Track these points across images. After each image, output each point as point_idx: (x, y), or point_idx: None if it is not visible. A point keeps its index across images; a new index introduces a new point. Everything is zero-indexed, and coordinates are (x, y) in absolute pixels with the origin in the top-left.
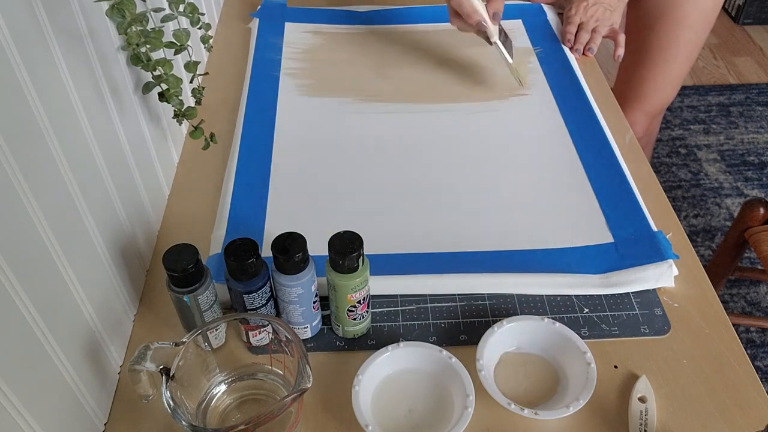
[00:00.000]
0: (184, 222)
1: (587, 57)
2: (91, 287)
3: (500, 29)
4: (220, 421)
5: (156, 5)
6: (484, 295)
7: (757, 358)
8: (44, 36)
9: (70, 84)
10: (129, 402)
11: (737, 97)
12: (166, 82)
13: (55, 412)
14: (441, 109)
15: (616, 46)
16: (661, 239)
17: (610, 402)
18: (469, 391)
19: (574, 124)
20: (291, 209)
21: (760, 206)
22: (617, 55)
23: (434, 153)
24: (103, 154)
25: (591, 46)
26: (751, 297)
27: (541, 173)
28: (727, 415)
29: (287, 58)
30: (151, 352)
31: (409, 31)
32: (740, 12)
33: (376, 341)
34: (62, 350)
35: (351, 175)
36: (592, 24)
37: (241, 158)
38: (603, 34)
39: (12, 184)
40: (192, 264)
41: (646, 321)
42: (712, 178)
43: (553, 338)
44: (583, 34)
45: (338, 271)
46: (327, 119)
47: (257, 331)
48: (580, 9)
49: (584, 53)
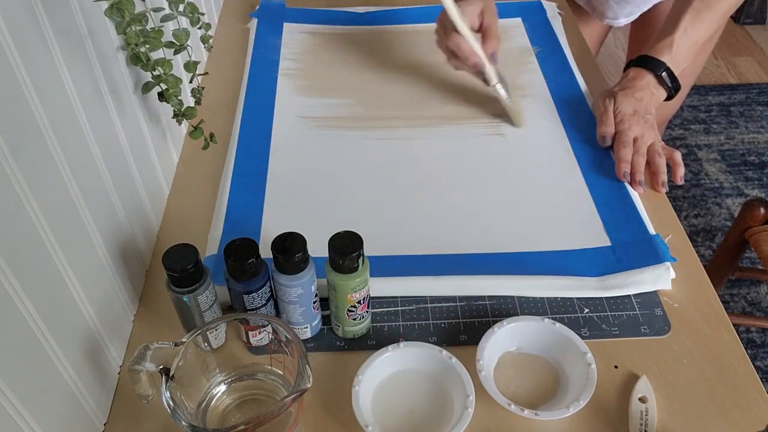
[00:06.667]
0: (183, 222)
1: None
2: (90, 287)
3: (497, 70)
4: (220, 422)
5: (155, 5)
6: (484, 295)
7: (757, 358)
8: (44, 36)
9: (69, 84)
10: (129, 402)
11: (737, 97)
12: (165, 82)
13: (54, 412)
14: (441, 110)
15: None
16: (659, 242)
17: (610, 402)
18: (469, 392)
19: (573, 127)
20: (288, 210)
21: (761, 206)
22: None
23: (434, 155)
24: (102, 154)
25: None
26: (751, 297)
27: (540, 176)
28: (727, 415)
29: (285, 59)
30: (150, 352)
31: (409, 32)
32: (740, 12)
33: (376, 341)
34: (62, 350)
35: (349, 178)
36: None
37: (238, 159)
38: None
39: (12, 184)
40: (192, 264)
41: (646, 321)
42: (712, 177)
43: (553, 338)
44: (639, 158)
45: (338, 271)
46: (325, 120)
47: (257, 331)
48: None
49: (654, 187)
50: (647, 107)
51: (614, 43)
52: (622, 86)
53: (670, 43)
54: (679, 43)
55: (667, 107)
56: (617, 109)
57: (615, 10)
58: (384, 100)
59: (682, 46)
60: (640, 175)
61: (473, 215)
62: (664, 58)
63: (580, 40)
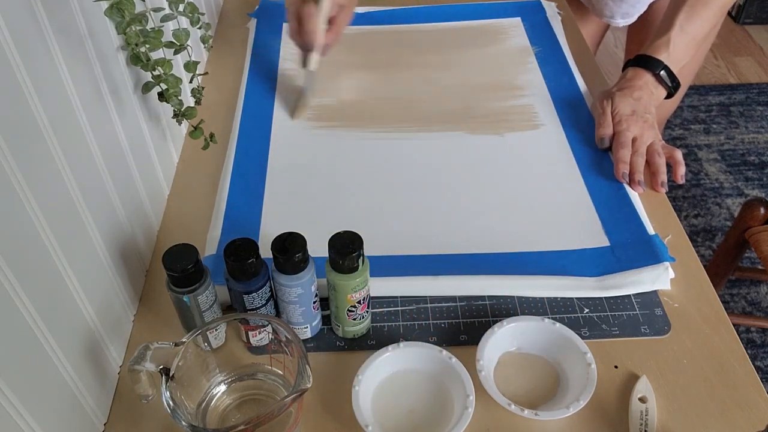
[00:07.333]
0: (183, 222)
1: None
2: (90, 287)
3: (317, 61)
4: (220, 422)
5: (155, 5)
6: (484, 295)
7: (757, 358)
8: (44, 36)
9: (69, 84)
10: (129, 402)
11: (737, 97)
12: (165, 81)
13: (54, 412)
14: (441, 110)
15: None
16: (657, 242)
17: (610, 402)
18: (469, 392)
19: (572, 127)
20: (287, 210)
21: (761, 206)
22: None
23: (434, 155)
24: (102, 154)
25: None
26: (751, 297)
27: (539, 176)
28: (727, 415)
29: (285, 59)
30: (150, 352)
31: (408, 31)
32: (740, 12)
33: (376, 341)
34: (61, 350)
35: (349, 178)
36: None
37: (238, 159)
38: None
39: (12, 184)
40: (192, 264)
41: (646, 321)
42: (712, 177)
43: (553, 338)
44: (638, 158)
45: (338, 271)
46: (325, 120)
47: (257, 331)
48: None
49: (654, 187)
50: (646, 107)
51: (614, 42)
52: (620, 87)
53: (666, 41)
54: (676, 40)
55: (665, 106)
56: (615, 109)
57: (612, 9)
58: (384, 100)
59: (679, 43)
60: (639, 175)
61: (473, 215)
62: (662, 56)
63: (580, 40)
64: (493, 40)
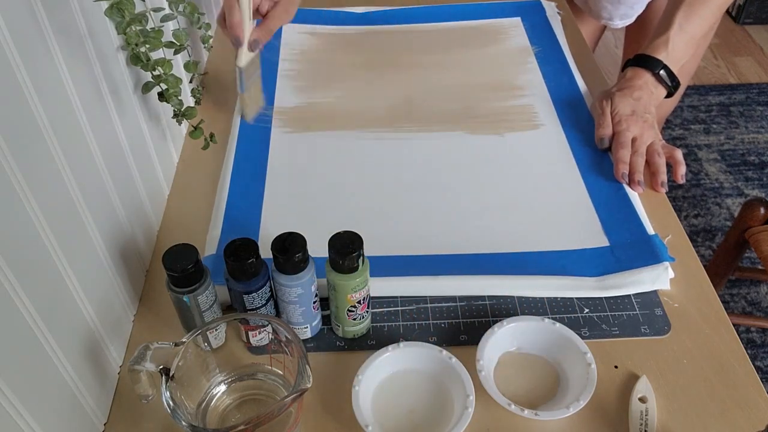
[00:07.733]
0: (183, 222)
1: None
2: (90, 287)
3: (255, 60)
4: (220, 422)
5: (155, 5)
6: (484, 295)
7: (757, 358)
8: (44, 36)
9: (69, 84)
10: (129, 402)
11: (737, 97)
12: (165, 81)
13: (54, 412)
14: (441, 110)
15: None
16: (657, 242)
17: (610, 402)
18: (469, 392)
19: (572, 127)
20: (287, 210)
21: (761, 206)
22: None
23: (434, 155)
24: (102, 154)
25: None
26: (751, 297)
27: (538, 176)
28: (727, 415)
29: (285, 59)
30: (150, 352)
31: (408, 31)
32: (740, 12)
33: (376, 341)
34: (61, 350)
35: (349, 178)
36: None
37: (237, 160)
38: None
39: (12, 184)
40: (192, 264)
41: (646, 321)
42: (712, 177)
43: (553, 338)
44: (638, 158)
45: (338, 271)
46: (324, 120)
47: (257, 331)
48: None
49: (654, 187)
50: (646, 106)
51: (614, 42)
52: (619, 86)
53: (666, 40)
54: (675, 39)
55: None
56: (615, 110)
57: (609, 11)
58: (384, 100)
59: (678, 42)
60: (638, 175)
61: (473, 215)
62: (661, 55)
63: (580, 40)
64: (493, 40)
